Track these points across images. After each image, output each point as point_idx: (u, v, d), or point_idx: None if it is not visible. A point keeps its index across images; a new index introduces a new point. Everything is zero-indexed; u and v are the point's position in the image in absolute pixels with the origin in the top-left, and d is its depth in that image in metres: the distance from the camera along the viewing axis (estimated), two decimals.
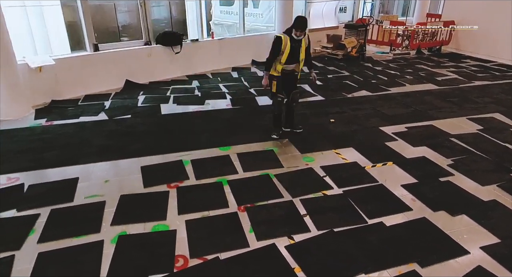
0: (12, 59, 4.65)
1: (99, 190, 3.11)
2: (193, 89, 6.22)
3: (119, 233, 2.56)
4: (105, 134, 4.28)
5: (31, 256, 2.34)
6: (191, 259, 2.34)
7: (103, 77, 5.99)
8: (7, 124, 4.54)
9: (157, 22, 9.27)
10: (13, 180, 3.26)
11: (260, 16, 10.77)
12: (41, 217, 2.73)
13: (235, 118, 4.89)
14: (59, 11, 8.70)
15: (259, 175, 3.38)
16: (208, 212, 2.82)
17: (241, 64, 8.10)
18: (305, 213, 2.83)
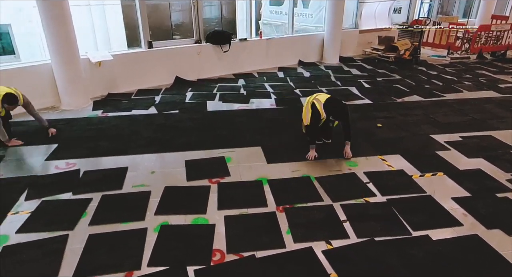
0: (76, 54, 5.03)
1: (145, 180, 3.27)
2: (239, 87, 6.31)
3: (162, 223, 2.67)
4: (154, 128, 4.49)
5: (82, 236, 2.52)
6: (228, 254, 2.38)
7: (155, 73, 6.29)
8: (68, 113, 4.94)
9: (208, 21, 9.53)
10: (71, 165, 3.54)
11: (309, 16, 10.65)
12: (93, 202, 2.93)
13: (279, 118, 4.89)
14: (119, 10, 9.26)
15: (300, 177, 3.35)
16: (246, 210, 2.85)
17: (288, 64, 8.07)
18: (345, 219, 2.76)
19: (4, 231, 2.57)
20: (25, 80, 4.88)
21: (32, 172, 3.41)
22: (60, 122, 4.61)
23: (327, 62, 8.46)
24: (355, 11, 9.34)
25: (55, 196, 3.00)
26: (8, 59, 9.89)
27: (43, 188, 3.13)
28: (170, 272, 2.23)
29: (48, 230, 2.58)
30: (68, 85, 5.05)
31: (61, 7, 4.67)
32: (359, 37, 9.31)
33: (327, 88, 6.34)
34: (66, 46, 4.85)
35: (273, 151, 3.85)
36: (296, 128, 4.49)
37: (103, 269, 2.23)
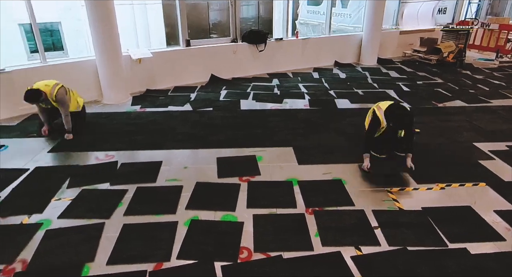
0: (118, 51, 5.26)
1: (178, 175, 3.35)
2: (273, 87, 6.31)
3: (192, 217, 2.74)
4: (189, 124, 4.60)
5: (117, 225, 2.64)
6: (255, 253, 2.39)
7: (191, 71, 6.44)
8: (109, 107, 5.18)
9: (245, 20, 9.61)
10: (110, 157, 3.71)
11: (348, 16, 10.44)
12: (128, 193, 3.05)
13: (312, 119, 4.83)
14: (160, 9, 9.57)
15: (331, 180, 3.30)
16: (275, 210, 2.85)
17: (323, 65, 7.96)
18: (376, 225, 2.68)
19: (48, 216, 2.75)
20: (71, 74, 5.18)
21: (75, 162, 3.61)
22: (101, 116, 4.85)
23: (364, 64, 8.25)
24: (396, 11, 9.03)
25: (94, 186, 3.16)
26: (57, 54, 10.55)
27: (84, 177, 3.30)
28: (198, 266, 2.28)
29: (87, 217, 2.72)
30: (110, 80, 5.30)
31: (106, 7, 4.91)
32: (400, 38, 8.99)
33: (363, 90, 6.18)
34: (109, 43, 5.08)
35: (304, 152, 3.81)
36: (329, 130, 4.42)
37: (135, 258, 2.32)
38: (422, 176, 3.37)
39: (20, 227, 2.63)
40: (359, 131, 4.37)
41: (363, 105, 5.44)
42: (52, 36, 10.99)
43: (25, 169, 3.42)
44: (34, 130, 4.29)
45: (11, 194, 3.04)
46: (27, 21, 5.01)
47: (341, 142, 4.09)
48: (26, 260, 2.30)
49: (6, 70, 4.66)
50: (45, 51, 5.13)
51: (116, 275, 2.19)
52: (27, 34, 10.36)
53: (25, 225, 2.64)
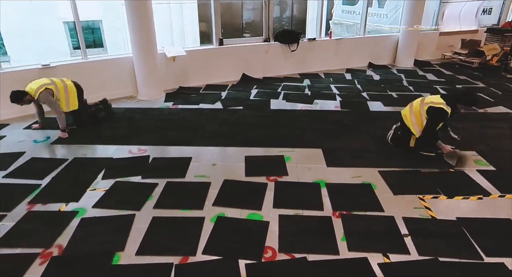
0: (154, 49, 5.43)
1: (206, 172, 3.41)
2: (304, 87, 6.26)
3: (218, 214, 2.77)
4: (218, 122, 4.66)
5: (147, 218, 2.72)
6: (279, 253, 2.38)
7: (223, 70, 6.52)
8: (143, 103, 5.36)
9: (278, 20, 9.60)
10: (142, 151, 3.84)
11: (384, 16, 10.14)
12: (158, 187, 3.14)
13: (343, 120, 4.74)
14: (195, 8, 9.77)
15: (360, 184, 3.22)
16: (301, 211, 2.82)
17: (357, 66, 7.79)
18: (406, 233, 2.58)
19: (83, 205, 2.89)
20: (109, 71, 5.42)
21: (109, 154, 3.77)
22: (136, 111, 5.03)
23: (400, 66, 7.98)
24: (436, 11, 8.66)
25: (127, 178, 3.28)
26: (98, 51, 11.05)
27: (117, 169, 3.44)
28: (222, 262, 2.30)
29: (118, 208, 2.83)
30: (146, 77, 5.47)
31: (145, 6, 5.07)
32: (439, 40, 8.62)
33: (397, 92, 5.98)
34: (146, 41, 5.25)
35: (333, 154, 3.75)
36: (360, 133, 4.32)
37: (162, 250, 2.39)
38: (459, 184, 3.21)
39: (57, 214, 2.78)
40: None
41: (396, 108, 5.25)
42: (94, 33, 11.54)
43: (65, 159, 3.62)
44: (72, 122, 4.53)
45: (51, 182, 3.22)
46: (71, 19, 5.28)
47: (372, 146, 3.99)
48: (62, 245, 2.43)
49: (51, 65, 4.94)
50: (86, 48, 5.39)
51: (144, 265, 2.26)
52: (70, 32, 10.93)
53: (62, 212, 2.79)
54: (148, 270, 2.23)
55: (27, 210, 2.81)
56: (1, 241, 2.46)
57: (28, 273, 2.19)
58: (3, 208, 2.82)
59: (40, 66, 4.87)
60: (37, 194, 3.03)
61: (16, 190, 3.08)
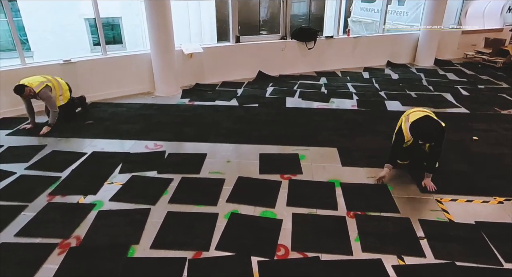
0: (172, 46, 5.48)
1: (221, 168, 3.43)
2: (320, 85, 6.20)
3: (232, 211, 2.78)
4: (234, 119, 4.68)
5: (162, 212, 2.76)
6: (292, 252, 2.38)
7: (239, 67, 6.53)
8: (160, 99, 5.43)
9: (295, 17, 9.53)
10: (158, 146, 3.89)
11: (404, 14, 9.93)
12: (173, 182, 3.18)
13: (359, 120, 4.68)
14: (213, 5, 9.80)
15: (376, 184, 3.17)
16: (315, 210, 2.81)
17: (375, 64, 7.66)
18: (422, 235, 2.53)
19: (100, 197, 2.95)
20: (128, 67, 5.51)
21: (127, 149, 3.83)
22: (153, 107, 5.10)
23: (420, 65, 7.81)
24: (459, 9, 8.42)
25: (143, 173, 3.34)
26: (117, 47, 11.24)
27: (134, 164, 3.50)
28: (235, 258, 2.32)
29: (135, 202, 2.88)
30: (163, 73, 5.54)
31: (163, 3, 5.12)
32: (461, 38, 8.38)
33: (416, 92, 5.86)
34: (164, 38, 5.31)
35: (349, 154, 3.71)
36: (377, 133, 4.25)
37: (176, 244, 2.42)
38: (478, 187, 3.13)
39: (76, 206, 2.85)
40: None
41: (415, 108, 5.15)
42: (113, 30, 11.74)
43: (83, 153, 3.71)
44: (92, 117, 4.63)
45: (70, 175, 3.31)
46: (92, 16, 5.39)
47: (388, 146, 3.90)
48: (80, 236, 2.50)
49: (72, 61, 5.06)
50: (106, 44, 5.49)
51: (158, 259, 2.30)
52: (91, 28, 11.15)
53: (80, 205, 2.87)
54: (162, 264, 2.26)
55: (47, 202, 2.90)
56: (22, 230, 2.55)
57: (47, 262, 2.26)
58: (24, 199, 2.91)
59: (62, 61, 4.99)
60: (57, 186, 3.11)
61: (37, 182, 3.18)
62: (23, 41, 9.85)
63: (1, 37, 10.83)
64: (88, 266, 2.24)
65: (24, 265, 2.23)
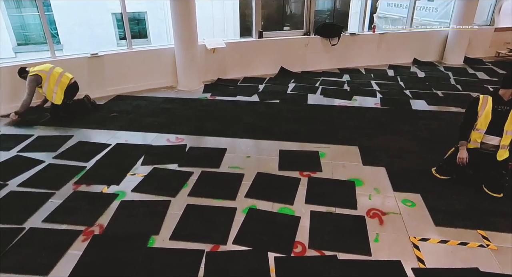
0: (195, 40, 5.53)
1: (240, 163, 3.45)
2: (343, 83, 6.11)
3: (250, 206, 2.80)
4: (254, 115, 4.68)
5: (181, 204, 2.81)
6: (309, 249, 2.37)
7: (261, 63, 6.50)
8: (183, 94, 5.50)
9: (320, 13, 9.39)
10: (180, 140, 3.95)
11: (434, 10, 9.60)
12: (193, 175, 3.23)
13: (382, 118, 4.58)
14: (237, 0, 9.79)
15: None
16: (334, 209, 2.78)
17: (400, 62, 7.46)
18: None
19: (123, 188, 3.03)
20: (152, 61, 5.61)
21: (149, 141, 3.91)
22: (175, 101, 5.18)
23: (448, 63, 7.54)
24: (492, 5, 8.04)
25: (164, 165, 3.40)
26: (142, 42, 11.45)
27: (156, 156, 3.57)
28: (252, 253, 2.33)
29: (155, 194, 2.94)
30: (186, 68, 5.60)
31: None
32: (494, 36, 8.01)
33: (443, 91, 5.67)
34: (188, 33, 5.36)
35: (370, 153, 3.64)
36: (400, 132, 4.16)
37: (194, 237, 2.46)
38: None
39: (100, 195, 2.95)
40: (435, 136, 4.06)
41: (441, 107, 5.00)
42: (139, 24, 11.97)
43: (108, 144, 3.81)
44: (116, 109, 4.75)
45: (95, 165, 3.42)
46: (119, 11, 5.50)
47: (412, 147, 3.82)
48: (103, 225, 2.58)
49: (99, 55, 5.20)
50: (131, 38, 5.60)
51: (177, 250, 2.35)
52: (118, 23, 11.41)
53: (104, 194, 2.96)
54: (181, 255, 2.31)
55: (73, 190, 3.01)
56: (49, 217, 2.66)
57: (72, 248, 2.35)
58: (52, 186, 3.03)
59: (89, 55, 5.13)
60: (82, 175, 3.23)
61: (64, 171, 3.31)
62: (53, 35, 10.20)
63: (33, 31, 11.27)
64: (110, 254, 2.32)
65: (51, 250, 2.33)
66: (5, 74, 4.59)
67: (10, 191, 2.98)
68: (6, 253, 2.31)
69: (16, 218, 2.63)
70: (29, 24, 11.51)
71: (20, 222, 2.59)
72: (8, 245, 2.37)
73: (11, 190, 3.00)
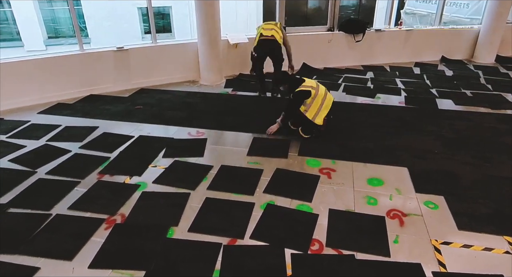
0: (218, 36, 5.55)
1: (260, 159, 3.45)
2: (366, 80, 5.99)
3: (268, 201, 2.80)
4: (274, 111, 4.65)
5: (200, 197, 2.85)
6: (326, 247, 2.35)
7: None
8: (205, 88, 5.55)
9: (344, 8, 9.22)
10: (200, 134, 4.00)
11: (465, 6, 9.24)
12: (213, 169, 3.26)
13: (406, 117, 4.46)
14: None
15: None
16: (353, 208, 2.74)
17: (427, 59, 7.23)
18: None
19: (145, 179, 3.11)
20: (175, 55, 5.68)
21: (171, 134, 3.98)
22: (197, 95, 5.23)
23: (479, 61, 7.24)
24: None
25: (185, 158, 3.46)
26: (166, 36, 11.62)
27: (177, 149, 3.63)
28: (269, 248, 2.34)
29: (176, 186, 3.00)
30: (208, 62, 5.64)
31: None
32: None
33: (472, 91, 5.46)
34: (211, 28, 5.38)
35: (392, 153, 3.56)
36: (425, 132, 4.04)
37: (212, 230, 2.49)
38: None
39: (122, 186, 3.03)
40: (461, 137, 3.93)
41: (469, 108, 4.82)
42: (163, 19, 12.14)
43: (131, 136, 3.91)
44: (140, 102, 4.84)
45: (118, 156, 3.51)
46: (145, 5, 5.59)
47: (436, 147, 3.71)
48: (124, 214, 2.66)
49: (124, 48, 5.31)
50: (156, 32, 5.69)
51: (195, 242, 2.39)
52: (143, 17, 11.62)
53: (126, 185, 3.04)
54: (199, 247, 2.34)
55: (97, 179, 3.10)
56: (75, 204, 2.76)
57: (95, 236, 2.43)
58: (77, 175, 3.14)
59: (115, 48, 5.26)
60: (106, 165, 3.32)
61: (89, 161, 3.42)
62: (82, 28, 10.51)
63: (63, 24, 11.64)
64: (131, 243, 2.38)
65: (75, 236, 2.42)
66: (36, 67, 4.78)
67: (38, 179, 3.11)
68: (34, 237, 2.42)
69: (44, 205, 2.74)
70: (59, 18, 11.90)
71: (47, 208, 2.71)
72: (36, 229, 2.48)
73: (39, 177, 3.13)
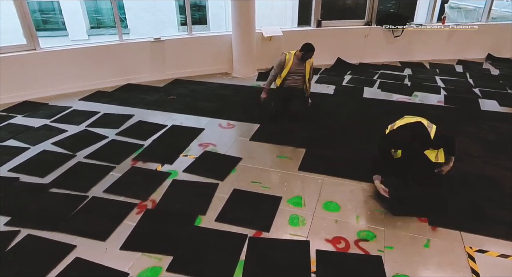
0: (253, 29, 5.55)
1: (289, 153, 3.44)
2: (404, 77, 5.77)
3: (295, 196, 2.80)
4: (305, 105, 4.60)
5: (228, 189, 2.89)
6: (353, 246, 2.32)
7: (318, 52, 6.24)
8: (237, 81, 5.59)
9: (384, 2, 8.88)
10: (231, 126, 4.04)
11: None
12: (242, 161, 3.29)
13: (445, 118, 4.26)
14: None
15: None
16: (382, 209, 2.68)
17: (471, 57, 6.84)
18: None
19: (175, 168, 3.20)
20: (210, 47, 5.75)
21: (202, 125, 4.05)
22: (229, 87, 5.28)
23: None
24: None
25: (215, 149, 3.51)
26: (201, 28, 11.75)
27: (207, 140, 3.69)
28: (294, 243, 2.34)
29: (205, 176, 3.06)
30: (242, 55, 5.67)
31: None
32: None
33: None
34: (246, 20, 5.39)
35: None
36: (464, 134, 3.84)
37: (239, 221, 2.52)
38: None
39: (154, 173, 3.13)
40: (503, 140, 3.70)
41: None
42: (199, 11, 12.29)
43: (164, 125, 4.02)
44: (174, 93, 4.96)
45: (151, 144, 3.63)
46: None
47: (476, 150, 3.52)
48: (155, 200, 2.75)
49: (161, 39, 5.44)
50: (191, 24, 5.77)
51: (222, 232, 2.43)
52: (180, 9, 11.81)
53: (158, 172, 3.14)
54: (225, 237, 2.39)
55: (131, 166, 3.23)
56: (110, 188, 2.90)
57: (127, 219, 2.55)
58: (113, 160, 3.29)
59: (152, 39, 5.40)
60: (139, 153, 3.45)
61: (124, 147, 3.56)
62: (122, 19, 10.87)
63: (105, 15, 12.09)
64: (160, 228, 2.47)
65: (109, 218, 2.55)
66: (79, 55, 5.02)
67: (77, 162, 3.29)
68: (72, 216, 2.57)
69: (82, 187, 2.90)
70: (101, 8, 12.35)
71: (84, 190, 2.86)
72: (74, 209, 2.63)
73: (78, 161, 3.31)
